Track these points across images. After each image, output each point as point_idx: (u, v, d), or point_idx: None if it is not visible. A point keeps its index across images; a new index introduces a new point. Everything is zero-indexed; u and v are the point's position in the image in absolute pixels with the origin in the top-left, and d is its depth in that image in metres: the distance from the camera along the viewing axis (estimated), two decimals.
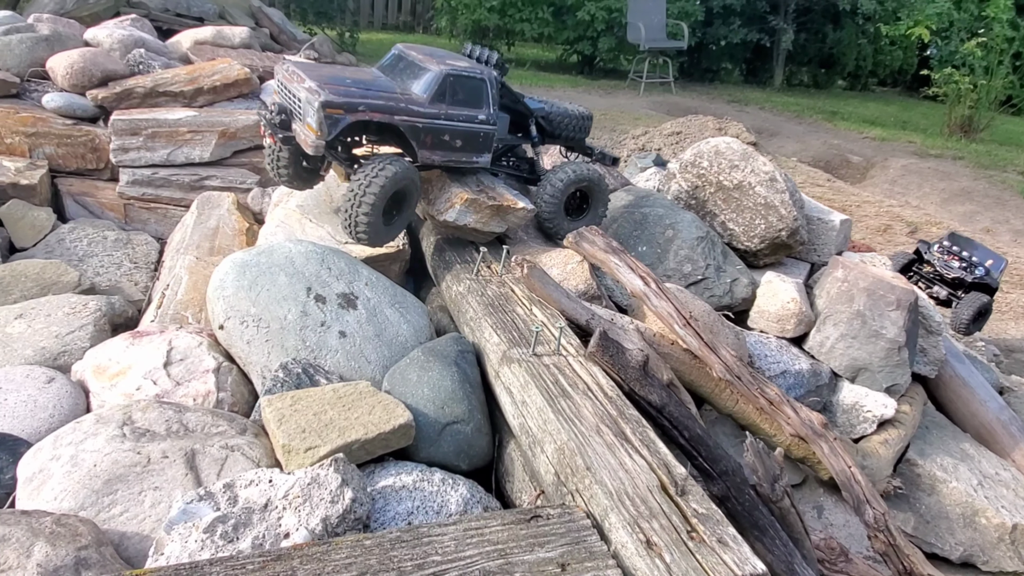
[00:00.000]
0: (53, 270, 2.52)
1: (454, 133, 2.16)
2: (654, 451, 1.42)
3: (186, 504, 1.25)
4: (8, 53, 3.25)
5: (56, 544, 1.17)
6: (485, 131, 2.21)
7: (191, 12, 7.80)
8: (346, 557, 1.11)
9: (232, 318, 1.89)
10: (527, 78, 10.96)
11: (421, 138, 2.12)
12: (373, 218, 2.02)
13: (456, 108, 2.14)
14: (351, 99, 2.00)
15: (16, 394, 1.79)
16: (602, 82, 11.39)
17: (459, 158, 2.23)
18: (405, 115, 2.06)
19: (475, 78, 2.15)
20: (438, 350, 1.78)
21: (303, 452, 1.41)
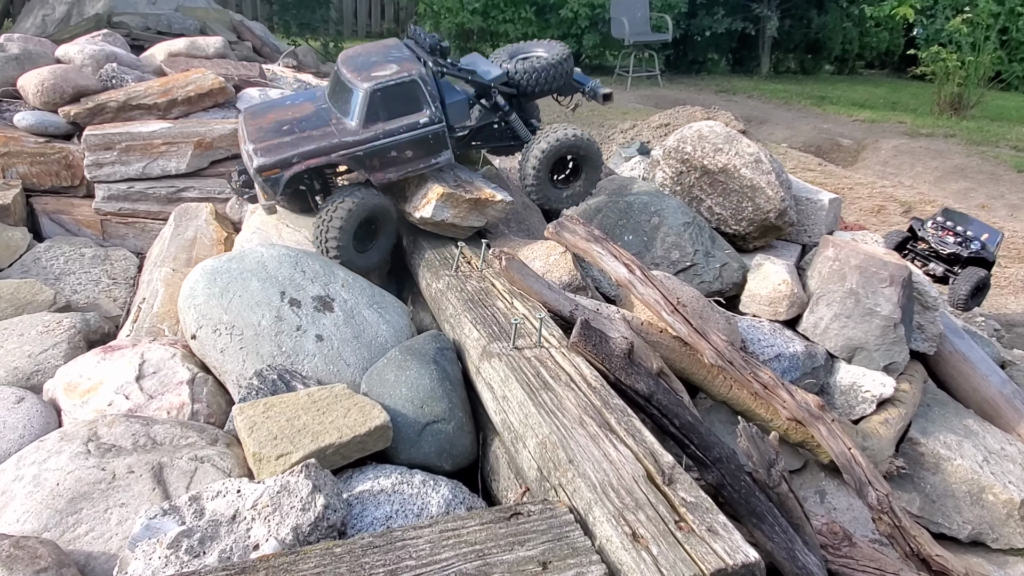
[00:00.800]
0: (27, 289, 2.47)
1: (400, 146, 2.07)
2: (640, 440, 1.37)
3: (149, 520, 1.19)
4: None
5: (13, 568, 1.12)
6: (434, 131, 2.10)
7: (172, 29, 7.76)
8: (315, 567, 1.05)
9: (204, 327, 1.83)
10: None
11: (367, 164, 2.06)
12: (343, 243, 2.03)
13: (394, 121, 2.05)
14: (283, 155, 1.97)
15: None
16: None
17: (416, 166, 2.15)
18: (341, 150, 2.01)
19: (405, 83, 2.04)
20: (416, 348, 1.73)
21: (274, 459, 1.36)
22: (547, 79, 2.44)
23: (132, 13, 8.02)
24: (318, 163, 1.99)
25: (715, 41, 11.49)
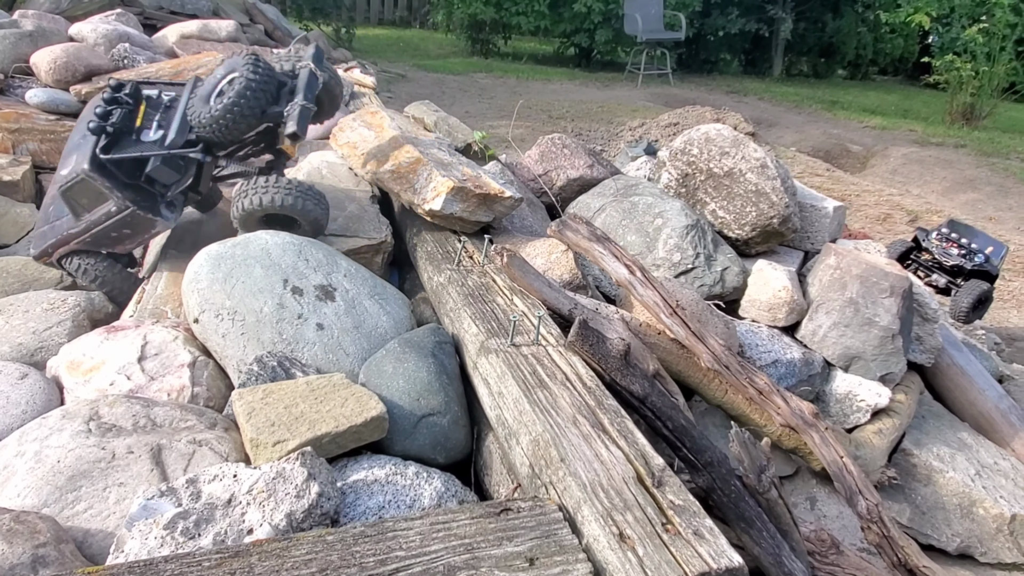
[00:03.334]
0: (35, 266, 2.49)
1: (110, 230, 2.16)
2: (632, 442, 1.38)
3: (147, 500, 1.21)
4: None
5: (12, 542, 1.14)
6: (131, 214, 2.11)
7: (185, 9, 7.77)
8: (306, 553, 1.07)
9: (207, 311, 1.85)
10: (524, 71, 10.91)
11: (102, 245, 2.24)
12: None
13: (92, 211, 2.14)
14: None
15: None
16: (600, 75, 11.32)
17: (144, 237, 2.24)
18: (73, 240, 2.21)
19: (78, 180, 2.06)
20: (415, 341, 1.75)
21: (271, 446, 1.38)
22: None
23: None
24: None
25: (728, 41, 11.45)
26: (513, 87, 10.01)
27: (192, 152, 2.12)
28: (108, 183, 2.06)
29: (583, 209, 2.87)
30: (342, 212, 2.51)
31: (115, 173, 2.09)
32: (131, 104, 2.17)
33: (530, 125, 8.06)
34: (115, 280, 2.33)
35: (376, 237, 2.36)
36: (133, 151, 2.10)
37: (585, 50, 11.60)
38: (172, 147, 2.10)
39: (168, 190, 2.19)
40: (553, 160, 3.02)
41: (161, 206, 2.17)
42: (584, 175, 2.98)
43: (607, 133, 8.28)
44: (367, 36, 12.32)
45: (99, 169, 2.05)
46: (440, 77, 10.09)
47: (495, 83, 10.08)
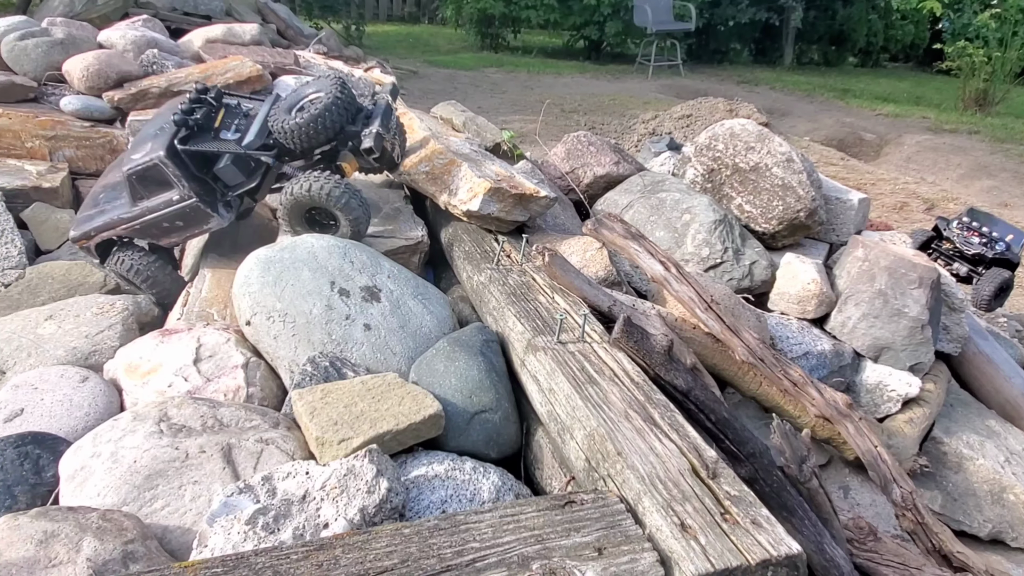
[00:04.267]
0: (78, 271, 2.56)
1: (164, 219, 2.25)
2: (683, 435, 1.43)
3: (227, 497, 1.27)
4: (25, 58, 3.28)
5: (103, 539, 1.20)
6: (191, 206, 2.21)
7: (198, 10, 7.83)
8: (386, 545, 1.13)
9: (259, 314, 1.91)
10: (534, 65, 10.92)
11: (148, 235, 2.29)
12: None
13: (152, 198, 2.22)
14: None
15: (52, 394, 1.82)
16: (610, 67, 11.33)
17: (193, 232, 2.31)
18: (121, 225, 2.27)
19: (151, 165, 2.16)
20: (463, 340, 1.80)
21: (336, 444, 1.44)
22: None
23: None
24: (111, 235, 2.36)
25: (738, 31, 11.42)
26: (524, 81, 10.03)
27: (264, 155, 2.22)
28: (179, 171, 2.16)
29: (611, 206, 2.91)
30: (377, 214, 2.56)
31: (187, 164, 2.19)
32: (214, 105, 2.29)
33: (543, 119, 8.08)
34: (165, 281, 2.39)
35: (413, 238, 2.42)
36: (209, 146, 2.20)
37: (595, 43, 11.60)
38: (249, 148, 2.21)
39: (229, 190, 2.28)
40: (579, 158, 3.06)
41: (220, 204, 2.26)
42: (610, 172, 3.02)
43: (620, 126, 8.30)
44: (377, 33, 12.36)
45: (173, 157, 2.15)
46: (451, 73, 10.12)
47: (506, 78, 10.11)
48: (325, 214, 2.22)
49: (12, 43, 3.28)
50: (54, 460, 1.58)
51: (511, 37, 12.06)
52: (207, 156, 2.22)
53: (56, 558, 1.17)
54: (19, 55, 3.28)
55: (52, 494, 1.55)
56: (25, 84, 3.13)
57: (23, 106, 3.09)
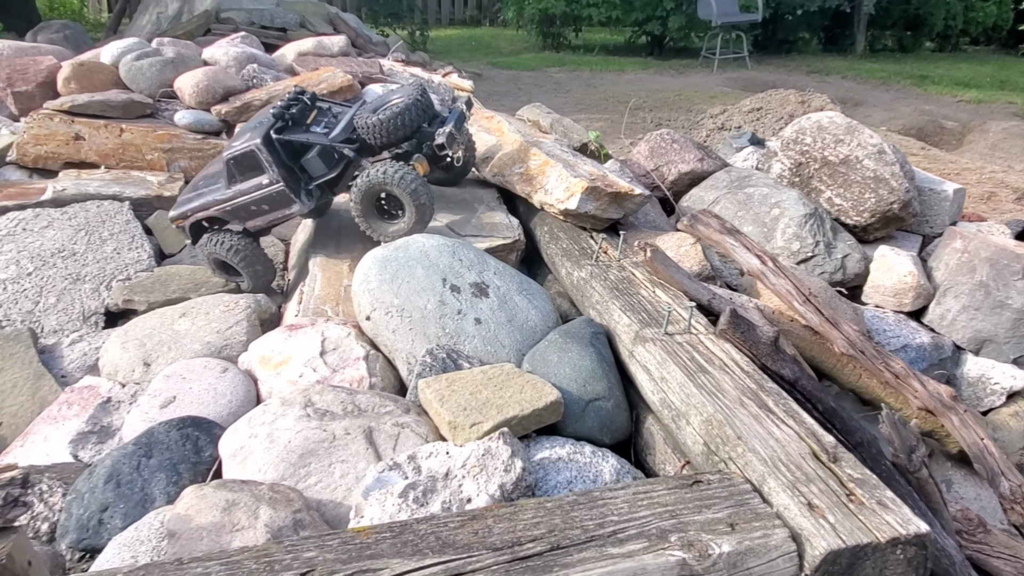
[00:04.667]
0: (201, 273, 2.77)
1: (252, 202, 2.46)
2: (799, 421, 1.49)
3: (379, 473, 1.40)
4: (140, 76, 3.54)
5: (276, 507, 1.35)
6: (278, 190, 2.41)
7: (274, 23, 8.18)
8: (533, 517, 1.23)
9: (378, 309, 2.05)
10: (596, 63, 10.93)
11: (237, 216, 2.51)
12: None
13: (245, 182, 2.43)
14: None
15: (198, 383, 2.00)
16: (673, 62, 11.23)
17: (275, 216, 2.50)
18: (214, 207, 2.49)
19: (248, 150, 2.38)
20: (573, 332, 1.89)
21: (468, 428, 1.55)
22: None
23: (237, 9, 8.48)
24: (205, 216, 2.59)
25: (807, 19, 11.15)
26: (587, 80, 10.06)
27: (347, 148, 2.43)
28: (270, 157, 2.38)
29: (696, 202, 2.96)
30: (473, 214, 2.69)
31: (279, 151, 2.42)
32: (308, 105, 2.52)
33: (608, 117, 8.11)
34: (259, 262, 2.58)
35: (510, 236, 2.52)
36: (299, 137, 2.44)
37: (657, 38, 11.52)
38: (334, 140, 2.42)
39: (312, 180, 2.49)
40: (663, 155, 3.12)
41: (302, 192, 2.48)
42: (695, 168, 3.07)
43: (687, 121, 8.25)
44: (440, 37, 12.59)
45: (268, 144, 2.38)
46: (515, 74, 10.24)
47: (569, 77, 10.16)
48: (394, 203, 2.39)
49: (129, 63, 3.55)
50: (210, 441, 1.75)
51: (572, 36, 12.09)
52: (296, 147, 2.45)
53: (238, 523, 1.32)
54: (136, 74, 3.55)
55: (210, 471, 1.72)
56: (143, 101, 3.39)
57: (142, 121, 3.35)
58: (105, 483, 1.64)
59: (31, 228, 2.80)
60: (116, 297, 2.57)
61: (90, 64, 3.56)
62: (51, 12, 11.78)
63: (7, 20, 8.91)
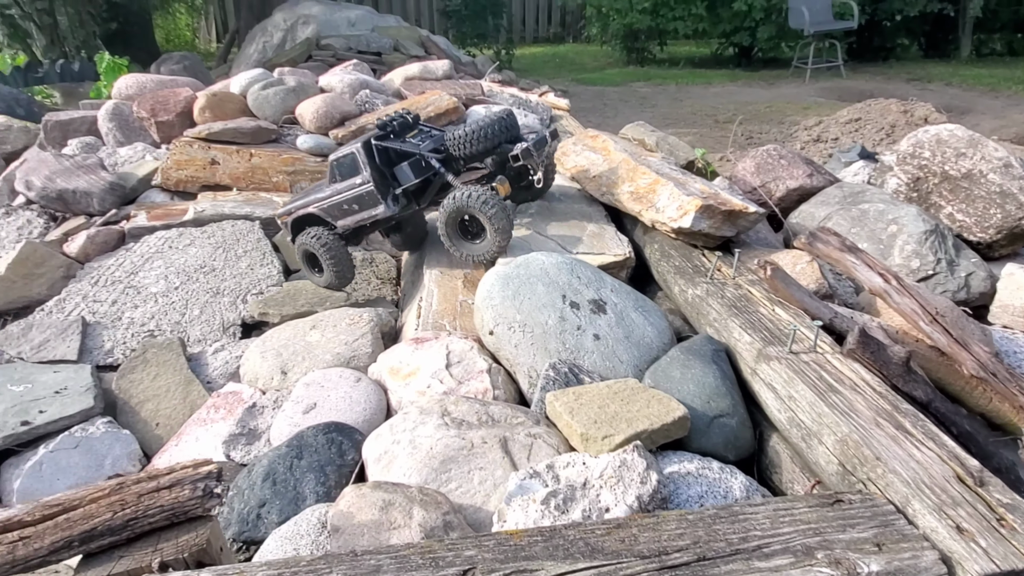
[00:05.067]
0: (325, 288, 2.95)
1: (344, 201, 2.73)
2: (940, 443, 1.47)
3: (521, 481, 1.48)
4: (266, 104, 3.82)
5: (427, 509, 1.45)
6: (367, 190, 2.66)
7: (370, 48, 8.57)
8: (676, 528, 1.28)
9: (500, 324, 2.15)
10: (682, 77, 10.85)
11: (331, 214, 2.78)
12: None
13: (343, 182, 2.70)
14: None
15: (335, 391, 2.15)
16: (762, 73, 11.01)
17: (362, 216, 2.74)
18: (314, 204, 2.79)
19: (350, 152, 2.67)
20: (695, 349, 1.93)
21: (600, 440, 1.61)
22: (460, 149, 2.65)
23: (336, 35, 8.94)
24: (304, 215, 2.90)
25: (906, 25, 10.70)
26: (673, 94, 10.00)
27: (435, 158, 2.67)
28: (367, 159, 2.66)
29: (806, 218, 2.92)
30: (583, 231, 2.76)
31: (375, 156, 2.69)
32: (408, 122, 2.80)
33: (697, 131, 8.04)
34: (341, 256, 2.80)
35: (620, 253, 2.58)
36: (394, 145, 2.71)
37: (745, 49, 11.34)
38: (424, 150, 2.67)
39: (400, 187, 2.72)
40: (770, 171, 3.10)
41: (389, 196, 2.72)
42: (803, 184, 3.03)
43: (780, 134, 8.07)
44: (524, 55, 12.82)
45: (367, 148, 2.67)
46: (600, 90, 10.30)
47: (655, 91, 10.13)
48: (477, 224, 2.57)
49: (256, 92, 3.84)
50: (352, 445, 1.89)
51: (657, 50, 12.06)
52: (392, 156, 2.71)
53: (395, 522, 1.43)
54: (262, 102, 3.83)
55: (352, 473, 1.85)
56: (269, 127, 3.66)
57: (268, 146, 3.61)
58: (263, 481, 1.79)
59: (176, 246, 3.07)
60: (252, 310, 2.79)
61: (222, 94, 3.87)
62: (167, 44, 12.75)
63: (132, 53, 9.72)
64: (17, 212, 3.24)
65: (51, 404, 2.29)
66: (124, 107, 4.01)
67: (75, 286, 2.86)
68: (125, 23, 9.97)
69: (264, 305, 2.78)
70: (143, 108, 3.90)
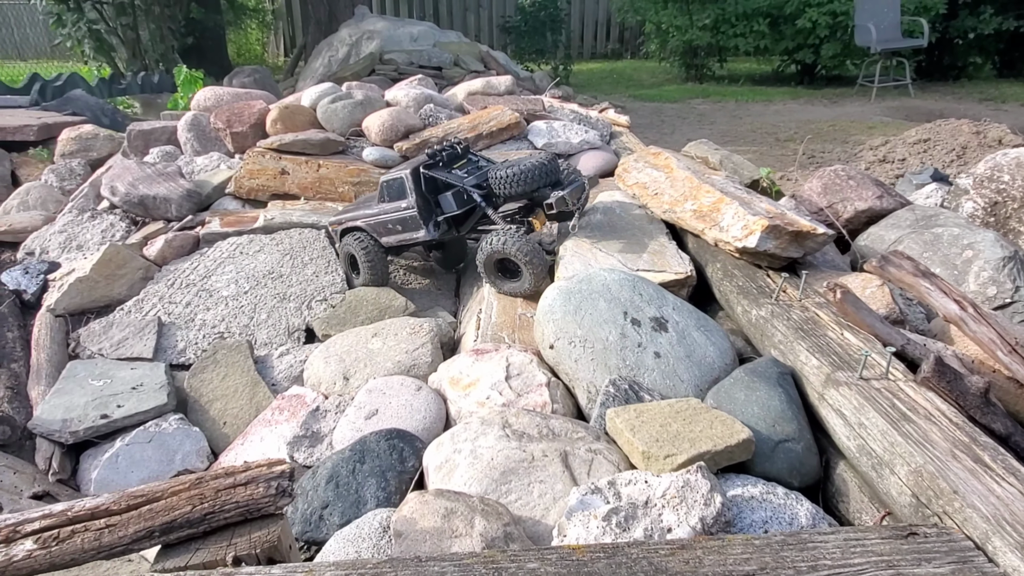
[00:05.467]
0: (385, 295, 3.02)
1: (389, 221, 2.95)
2: (1022, 478, 1.41)
3: (582, 496, 1.49)
4: (334, 117, 3.94)
5: (488, 519, 1.46)
6: (411, 214, 2.88)
7: (431, 63, 8.74)
8: (742, 552, 1.26)
9: (561, 339, 2.16)
10: (742, 94, 10.71)
11: (376, 230, 3.00)
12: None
13: (390, 203, 2.92)
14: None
15: (396, 398, 2.20)
16: (825, 91, 10.78)
17: (404, 237, 2.96)
18: (363, 219, 3.03)
19: (398, 177, 2.88)
20: (760, 371, 1.90)
21: (662, 459, 1.60)
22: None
23: (398, 50, 9.14)
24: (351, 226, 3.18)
25: (979, 43, 10.33)
26: (732, 111, 9.87)
27: (476, 192, 2.84)
28: (413, 186, 2.86)
29: (876, 241, 2.85)
30: (644, 249, 2.75)
31: (421, 183, 2.88)
32: (457, 152, 2.98)
33: (757, 149, 7.91)
34: (379, 265, 3.03)
35: (681, 272, 2.56)
36: (440, 175, 2.88)
37: (808, 66, 11.11)
38: (467, 184, 2.84)
39: (442, 214, 2.91)
40: (838, 192, 3.03)
41: (431, 222, 2.92)
42: (873, 206, 2.96)
43: (843, 154, 7.89)
44: (581, 71, 12.86)
45: (415, 175, 2.87)
46: (657, 106, 10.25)
47: (713, 108, 10.02)
48: (513, 264, 2.71)
49: (326, 106, 3.96)
50: (412, 452, 1.92)
51: (717, 67, 11.93)
52: (438, 184, 2.89)
53: (456, 531, 1.45)
54: (331, 115, 3.95)
55: (411, 480, 1.89)
56: (336, 139, 3.77)
57: (335, 158, 3.72)
58: (326, 483, 1.84)
59: (247, 252, 3.19)
60: (317, 327, 2.86)
61: (293, 107, 4.01)
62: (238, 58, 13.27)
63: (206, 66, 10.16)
64: (101, 216, 3.42)
65: (128, 399, 2.41)
66: (202, 118, 4.20)
67: (153, 287, 3.00)
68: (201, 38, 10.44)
69: (327, 326, 2.84)
70: (219, 119, 4.07)
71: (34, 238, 3.37)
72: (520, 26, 12.12)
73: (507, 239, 2.64)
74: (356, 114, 3.92)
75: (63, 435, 2.24)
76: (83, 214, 3.44)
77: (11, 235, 3.43)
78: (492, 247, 2.67)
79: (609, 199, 3.15)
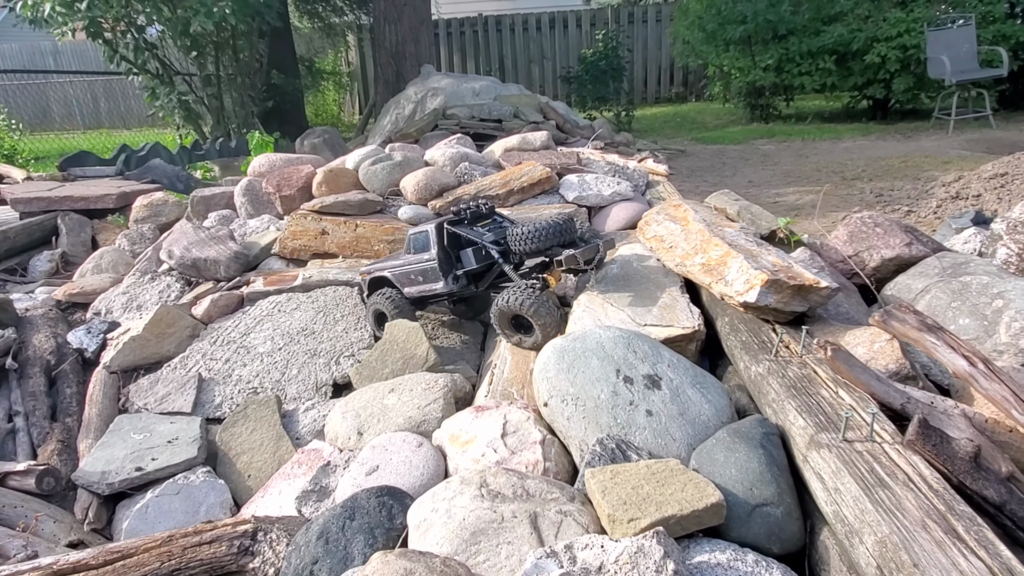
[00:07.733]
0: (414, 337, 3.11)
1: (412, 272, 3.12)
2: (994, 553, 1.33)
3: (536, 560, 1.51)
4: (374, 178, 4.17)
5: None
6: (432, 266, 3.04)
7: (491, 116, 9.05)
8: None
9: (554, 397, 2.19)
10: (809, 132, 10.47)
11: (399, 280, 3.20)
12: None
13: (415, 255, 3.10)
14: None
15: (397, 455, 2.28)
16: (899, 125, 10.40)
17: (424, 288, 3.11)
18: (389, 269, 3.23)
19: (424, 231, 3.08)
20: (743, 431, 1.87)
21: (625, 523, 1.60)
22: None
23: (461, 105, 9.52)
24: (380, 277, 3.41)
25: None
26: (798, 150, 9.66)
27: (494, 249, 2.97)
28: (437, 239, 3.03)
29: (902, 291, 2.74)
30: (655, 303, 2.76)
31: (444, 238, 3.05)
32: (481, 212, 3.14)
33: (820, 189, 7.70)
34: (405, 313, 3.16)
35: (689, 326, 2.55)
36: (462, 231, 3.04)
37: (880, 101, 10.77)
38: (486, 240, 2.99)
39: (461, 268, 3.06)
40: (864, 240, 2.95)
41: (450, 275, 3.07)
42: (900, 254, 2.85)
43: (914, 191, 7.56)
44: (644, 116, 12.94)
45: (439, 231, 3.05)
46: (720, 148, 10.16)
47: (778, 148, 9.84)
48: (526, 320, 2.77)
49: (367, 168, 4.21)
50: (401, 510, 1.99)
51: (783, 106, 11.74)
52: (461, 240, 3.06)
53: None
54: (371, 177, 4.19)
55: (400, 537, 1.95)
56: (374, 199, 3.99)
57: (372, 217, 3.93)
58: (317, 539, 1.93)
59: (284, 309, 3.40)
60: (355, 381, 3.01)
61: (337, 170, 4.28)
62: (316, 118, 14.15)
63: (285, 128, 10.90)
64: (160, 278, 3.74)
65: (163, 452, 2.60)
66: (256, 183, 4.53)
67: (197, 345, 3.24)
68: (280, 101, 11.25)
69: (359, 379, 2.98)
70: (270, 184, 4.39)
71: (101, 299, 3.72)
72: (581, 75, 12.37)
73: (519, 296, 2.74)
74: (395, 174, 4.13)
75: (100, 486, 2.44)
76: (144, 276, 3.77)
77: (83, 296, 3.79)
78: (506, 304, 2.78)
79: (629, 252, 3.17)
